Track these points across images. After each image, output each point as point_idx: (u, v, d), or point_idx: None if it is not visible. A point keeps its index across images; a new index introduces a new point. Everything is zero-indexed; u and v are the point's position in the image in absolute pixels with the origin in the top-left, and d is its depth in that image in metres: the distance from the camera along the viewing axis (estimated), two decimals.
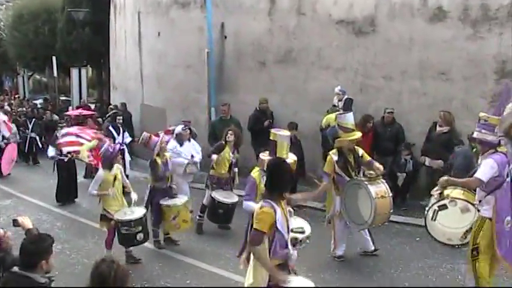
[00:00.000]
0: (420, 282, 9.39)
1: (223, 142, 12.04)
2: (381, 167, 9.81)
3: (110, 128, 16.12)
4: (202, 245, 11.40)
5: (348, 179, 9.87)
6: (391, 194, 9.63)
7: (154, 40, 20.20)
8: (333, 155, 9.91)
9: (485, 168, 7.60)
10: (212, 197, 11.69)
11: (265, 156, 8.20)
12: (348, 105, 13.67)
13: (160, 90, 20.09)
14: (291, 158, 8.18)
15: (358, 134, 9.93)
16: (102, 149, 10.89)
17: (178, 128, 13.11)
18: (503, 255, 7.53)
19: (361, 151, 10.01)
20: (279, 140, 8.08)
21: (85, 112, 19.97)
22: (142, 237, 10.20)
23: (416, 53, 13.55)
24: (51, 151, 15.38)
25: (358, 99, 14.23)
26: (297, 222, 7.96)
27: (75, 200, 15.23)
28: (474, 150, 8.27)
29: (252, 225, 6.40)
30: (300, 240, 7.74)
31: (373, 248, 10.44)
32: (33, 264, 5.15)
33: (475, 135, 7.96)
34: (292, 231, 7.21)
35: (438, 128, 12.54)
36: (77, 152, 13.47)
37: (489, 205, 7.66)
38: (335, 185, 10.09)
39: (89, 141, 13.03)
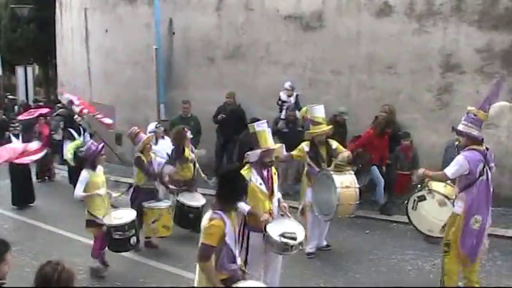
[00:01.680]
0: (371, 274, 9.50)
1: (180, 144, 11.43)
2: (346, 154, 9.68)
3: (70, 130, 15.27)
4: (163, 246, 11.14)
5: (318, 170, 9.84)
6: (357, 186, 9.47)
7: (101, 37, 19.98)
8: (305, 146, 9.95)
9: (454, 164, 7.60)
10: (180, 202, 11.07)
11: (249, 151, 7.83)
12: (298, 101, 13.85)
13: (109, 88, 19.89)
14: (276, 144, 8.01)
15: (325, 127, 9.90)
16: (85, 147, 10.16)
17: (152, 126, 12.80)
18: (465, 253, 7.63)
19: (335, 143, 9.98)
20: (258, 129, 7.81)
21: (43, 111, 19.18)
22: (135, 240, 9.61)
23: (364, 47, 13.70)
24: None
25: (307, 93, 14.33)
26: (289, 226, 7.53)
27: (31, 204, 14.55)
28: (457, 142, 8.26)
29: (241, 226, 6.30)
30: (291, 246, 7.26)
31: (325, 243, 10.52)
32: None
33: (460, 127, 7.79)
34: (283, 236, 7.14)
35: None
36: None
37: (462, 202, 7.64)
38: (307, 176, 10.12)
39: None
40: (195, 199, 11.27)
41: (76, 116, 15.11)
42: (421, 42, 12.99)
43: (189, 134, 11.66)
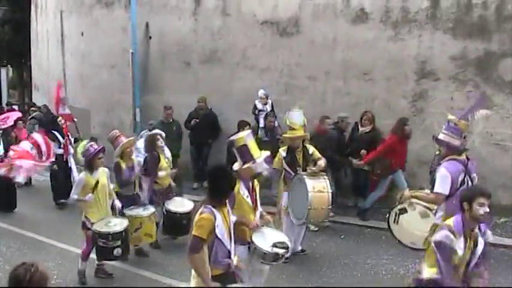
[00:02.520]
0: (346, 278, 9.55)
1: (156, 153, 11.02)
2: (322, 163, 9.76)
3: (54, 132, 14.62)
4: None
5: (293, 174, 9.91)
6: (330, 191, 9.52)
7: (77, 40, 19.86)
8: (282, 152, 10.07)
9: (440, 180, 7.57)
10: (170, 212, 10.83)
11: (239, 166, 7.56)
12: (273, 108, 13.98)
13: (84, 91, 19.77)
14: (264, 154, 7.76)
15: (300, 133, 10.01)
16: (84, 149, 9.78)
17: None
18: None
19: (311, 148, 10.10)
20: (247, 140, 7.52)
21: (14, 115, 18.80)
22: (120, 252, 9.29)
23: (340, 53, 13.78)
24: None
25: (282, 99, 14.38)
26: (274, 235, 7.55)
27: (14, 210, 14.12)
28: (438, 152, 8.24)
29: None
30: (282, 256, 7.32)
31: (300, 248, 10.56)
32: None
33: (440, 137, 7.80)
34: (276, 246, 7.17)
35: (361, 128, 12.68)
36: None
37: (442, 212, 7.63)
38: (284, 181, 10.19)
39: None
40: (181, 204, 11.04)
41: (60, 119, 14.76)
42: (396, 49, 13.10)
43: (159, 143, 11.15)
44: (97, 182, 9.33)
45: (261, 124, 13.92)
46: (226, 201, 6.36)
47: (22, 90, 35.17)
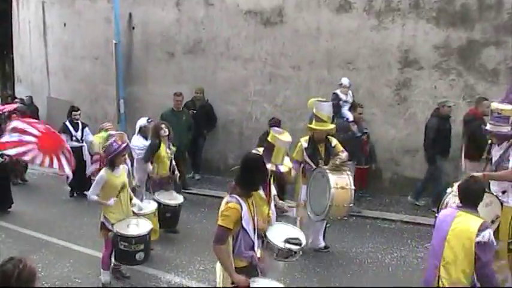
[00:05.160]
0: (331, 267, 9.55)
1: (157, 140, 10.97)
2: (344, 156, 9.36)
3: (67, 123, 14.22)
4: None
5: (314, 167, 9.54)
6: (353, 187, 9.11)
7: (60, 31, 19.77)
8: (303, 142, 9.62)
9: None
10: (157, 201, 10.54)
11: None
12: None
13: (67, 83, 19.69)
14: (286, 165, 7.50)
15: (329, 126, 9.55)
16: (107, 144, 9.24)
17: (143, 121, 11.83)
18: None
19: (334, 141, 9.66)
20: (278, 145, 7.31)
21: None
22: (142, 256, 8.76)
23: (324, 43, 13.78)
24: None
25: (267, 88, 14.44)
26: (289, 231, 7.29)
27: (9, 209, 13.36)
28: (490, 142, 8.04)
29: None
30: (295, 252, 7.02)
31: (323, 244, 10.18)
32: None
33: (488, 127, 7.75)
34: (288, 242, 6.88)
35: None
36: (21, 155, 10.55)
37: None
38: (303, 173, 9.74)
39: (36, 136, 10.36)
40: (172, 197, 10.89)
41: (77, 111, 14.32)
42: (379, 38, 13.12)
43: (163, 132, 10.98)
44: (123, 186, 8.83)
45: (349, 117, 12.42)
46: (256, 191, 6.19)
47: (4, 83, 34.91)
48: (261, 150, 7.31)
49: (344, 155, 9.41)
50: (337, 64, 13.66)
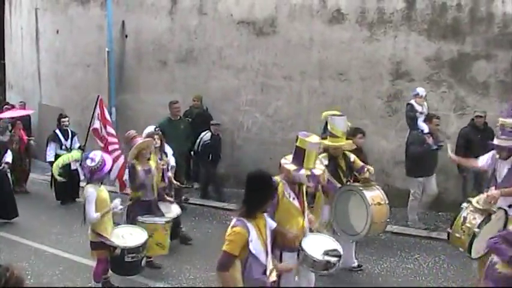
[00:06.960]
0: (321, 277, 9.48)
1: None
2: (371, 168, 9.08)
3: (57, 131, 14.35)
4: None
5: (339, 185, 9.01)
6: (387, 201, 8.78)
7: (52, 38, 19.73)
8: (323, 159, 8.78)
9: None
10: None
11: (288, 162, 6.80)
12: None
13: (59, 90, 19.64)
14: (319, 168, 6.99)
15: (345, 142, 9.07)
16: (97, 161, 8.44)
17: (150, 129, 10.99)
18: None
19: (352, 156, 9.19)
20: (309, 148, 6.73)
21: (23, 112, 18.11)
22: (145, 261, 8.70)
23: (316, 53, 13.84)
24: None
25: (258, 98, 14.48)
26: (326, 242, 6.86)
27: (13, 220, 12.94)
28: (498, 156, 8.09)
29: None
30: (333, 264, 6.56)
31: (356, 263, 9.74)
32: None
33: (496, 142, 7.84)
34: (327, 254, 6.45)
35: None
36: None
37: None
38: (324, 192, 9.06)
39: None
40: (168, 209, 10.16)
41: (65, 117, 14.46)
42: (371, 49, 13.19)
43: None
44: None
45: (424, 129, 11.68)
46: (264, 212, 5.72)
47: None
48: (289, 157, 6.88)
49: (371, 167, 9.13)
50: (329, 75, 13.71)
